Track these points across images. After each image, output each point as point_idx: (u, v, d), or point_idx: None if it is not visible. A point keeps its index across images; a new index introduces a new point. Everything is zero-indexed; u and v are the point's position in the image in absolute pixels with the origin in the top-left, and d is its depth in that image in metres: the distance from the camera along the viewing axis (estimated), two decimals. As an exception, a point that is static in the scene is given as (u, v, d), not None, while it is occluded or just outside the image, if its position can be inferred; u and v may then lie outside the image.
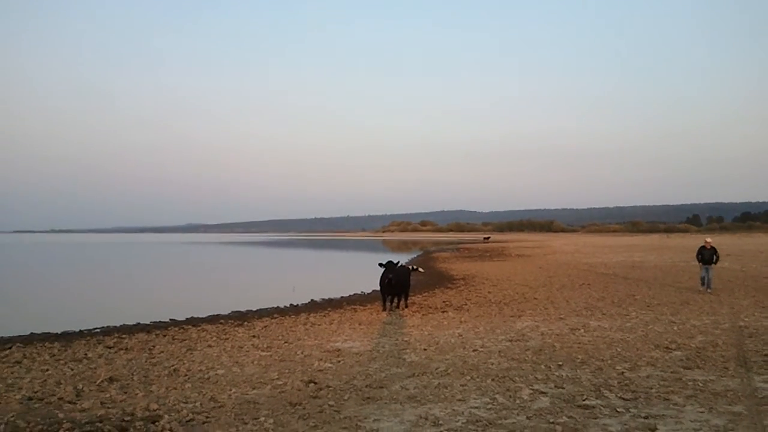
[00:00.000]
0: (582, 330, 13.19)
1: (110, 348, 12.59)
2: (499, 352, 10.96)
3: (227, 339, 13.44)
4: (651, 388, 8.17)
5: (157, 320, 17.33)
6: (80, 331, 15.69)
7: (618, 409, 7.21)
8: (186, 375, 9.78)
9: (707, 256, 21.09)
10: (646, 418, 6.88)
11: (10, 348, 12.69)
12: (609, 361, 9.94)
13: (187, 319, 17.59)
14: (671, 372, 9.14)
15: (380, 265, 17.49)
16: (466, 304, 18.64)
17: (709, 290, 20.25)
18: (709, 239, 22.29)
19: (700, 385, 8.33)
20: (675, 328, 13.26)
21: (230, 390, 8.69)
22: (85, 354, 11.93)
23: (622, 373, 9.12)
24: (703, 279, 20.96)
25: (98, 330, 15.82)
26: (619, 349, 10.91)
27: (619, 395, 7.86)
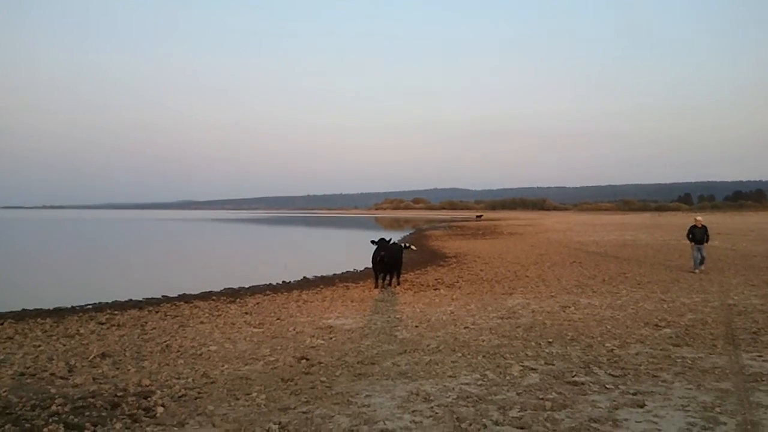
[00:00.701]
0: (572, 307, 13.27)
1: (102, 324, 12.60)
2: (490, 329, 11.03)
3: (219, 315, 13.46)
4: (640, 365, 8.24)
5: (150, 297, 17.33)
6: (72, 307, 15.70)
7: (607, 386, 7.28)
8: (178, 351, 9.82)
9: (699, 235, 20.48)
10: (634, 394, 6.95)
11: (2, 324, 12.68)
12: (599, 338, 10.02)
13: (179, 295, 17.59)
14: (660, 349, 9.22)
15: (373, 242, 17.53)
16: (458, 282, 18.71)
17: (701, 268, 19.90)
18: (700, 218, 21.65)
19: (689, 362, 8.41)
20: (665, 305, 13.36)
21: (222, 366, 8.73)
22: (78, 330, 11.95)
23: (612, 350, 9.20)
24: (695, 259, 20.27)
25: (90, 306, 15.82)
26: (608, 327, 10.99)
27: (608, 372, 7.94)
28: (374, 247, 17.45)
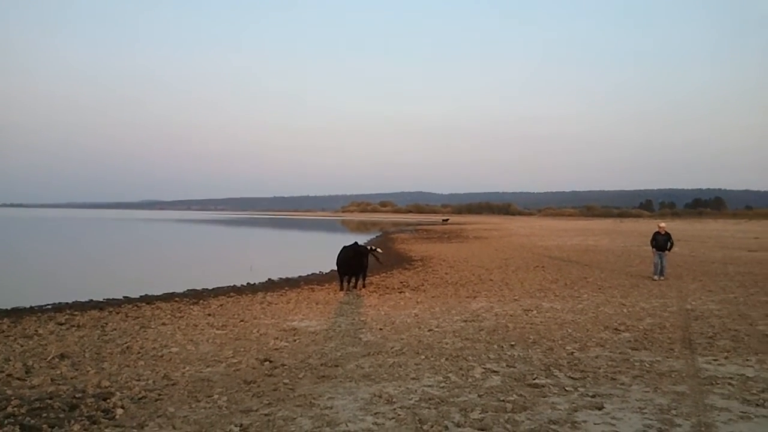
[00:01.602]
0: (535, 311, 13.43)
1: (62, 325, 12.39)
2: (454, 332, 11.11)
3: (182, 317, 13.33)
4: (599, 368, 8.38)
5: (111, 297, 17.07)
6: (31, 307, 15.39)
7: (567, 388, 7.39)
8: (139, 352, 9.70)
9: (661, 242, 20.13)
10: (593, 396, 7.07)
11: (-44, 324, 12.38)
12: (560, 342, 10.16)
13: (141, 296, 17.38)
14: (619, 353, 9.38)
15: (345, 247, 17.68)
16: (423, 285, 18.80)
17: (662, 278, 19.58)
18: (663, 224, 21.17)
19: (647, 365, 8.57)
20: (625, 310, 13.59)
21: (184, 368, 8.65)
22: (36, 330, 11.73)
23: (572, 353, 9.34)
24: (656, 266, 20.06)
25: (49, 306, 15.53)
26: (569, 330, 11.15)
27: (568, 374, 8.05)
28: (340, 249, 17.53)
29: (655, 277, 19.76)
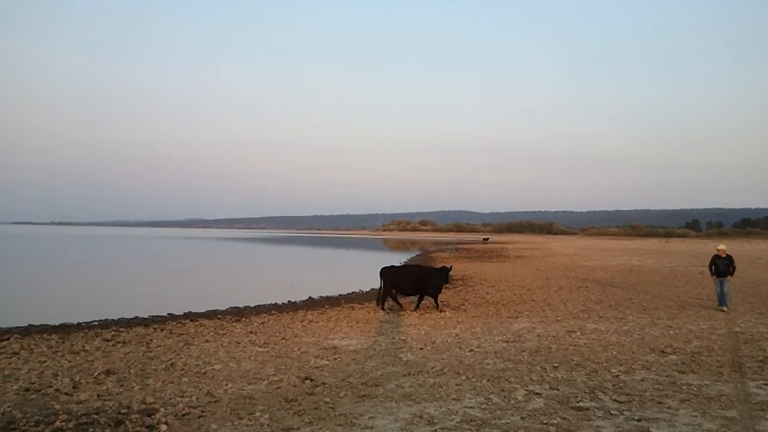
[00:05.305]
0: (578, 332, 13.21)
1: (108, 341, 12.63)
2: (495, 352, 11.00)
3: (225, 334, 13.47)
4: (645, 392, 8.20)
5: (155, 314, 17.38)
6: (78, 323, 15.75)
7: (612, 412, 7.25)
8: (183, 369, 9.83)
9: (722, 267, 17.50)
10: (639, 420, 6.92)
11: (8, 339, 12.74)
12: (604, 364, 9.97)
13: (185, 313, 17.63)
14: (666, 376, 9.17)
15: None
16: (463, 305, 18.67)
17: (725, 308, 17.01)
18: (723, 246, 18.30)
19: (695, 389, 8.36)
20: (671, 332, 13.29)
21: (226, 385, 8.73)
22: (83, 346, 11.98)
23: (617, 375, 9.16)
24: (719, 295, 17.44)
25: (96, 323, 15.86)
26: (614, 352, 10.94)
27: (613, 398, 7.90)
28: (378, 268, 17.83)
29: (722, 308, 17.08)
